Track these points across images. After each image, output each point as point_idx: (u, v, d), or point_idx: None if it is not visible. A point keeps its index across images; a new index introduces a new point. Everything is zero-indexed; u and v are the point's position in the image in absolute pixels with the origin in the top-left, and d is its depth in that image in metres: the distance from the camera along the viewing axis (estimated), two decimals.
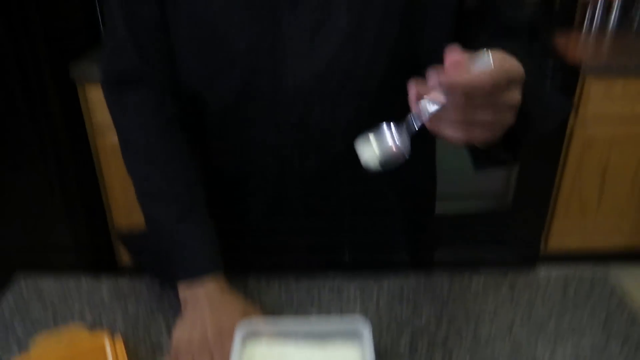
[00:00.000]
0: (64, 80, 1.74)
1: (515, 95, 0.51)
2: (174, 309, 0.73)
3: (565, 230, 2.13)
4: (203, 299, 0.71)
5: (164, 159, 0.77)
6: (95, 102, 1.82)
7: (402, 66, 0.73)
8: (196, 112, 0.78)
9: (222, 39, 0.71)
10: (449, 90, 0.48)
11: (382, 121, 0.74)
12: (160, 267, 0.78)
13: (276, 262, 0.85)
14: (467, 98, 0.49)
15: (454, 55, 0.48)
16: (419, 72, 0.73)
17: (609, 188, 2.05)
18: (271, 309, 0.75)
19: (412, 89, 0.53)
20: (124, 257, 2.10)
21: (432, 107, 0.51)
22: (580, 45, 2.04)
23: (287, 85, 0.71)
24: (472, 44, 0.57)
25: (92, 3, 1.89)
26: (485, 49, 0.50)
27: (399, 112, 0.75)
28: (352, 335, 0.61)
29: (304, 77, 0.71)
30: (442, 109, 0.51)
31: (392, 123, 0.57)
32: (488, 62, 0.49)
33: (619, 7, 2.27)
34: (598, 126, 1.94)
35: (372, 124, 0.73)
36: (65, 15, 1.77)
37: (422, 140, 0.85)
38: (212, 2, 0.70)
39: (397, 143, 0.55)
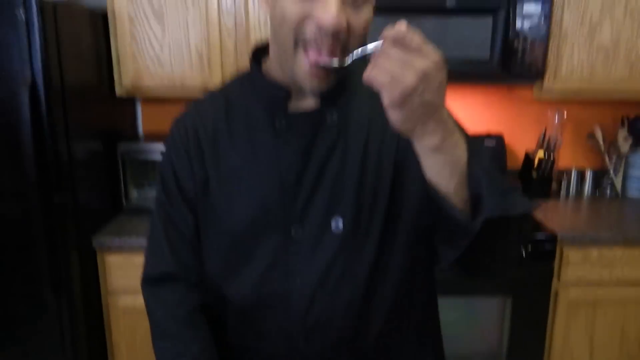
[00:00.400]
0: (86, 249, 1.92)
1: (419, 61, 0.67)
2: None
3: None
4: None
5: (188, 344, 0.91)
6: (111, 268, 1.98)
7: (388, 256, 0.90)
8: (218, 305, 0.94)
9: (243, 246, 0.89)
10: (384, 37, 0.68)
11: (374, 305, 0.89)
12: None
13: None
14: (393, 46, 0.68)
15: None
16: (403, 257, 0.91)
17: (598, 348, 2.11)
18: None
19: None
20: None
21: (371, 46, 0.72)
22: (557, 215, 2.23)
23: (295, 283, 0.87)
24: None
25: (117, 184, 2.16)
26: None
27: (389, 296, 0.91)
28: None
29: (309, 275, 0.87)
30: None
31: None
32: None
33: (591, 178, 2.51)
34: (581, 290, 2.06)
35: (365, 310, 0.89)
36: (93, 192, 2.02)
37: (428, 325, 1.00)
38: (234, 216, 0.89)
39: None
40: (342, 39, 0.78)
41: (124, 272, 1.97)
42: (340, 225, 0.87)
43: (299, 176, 0.87)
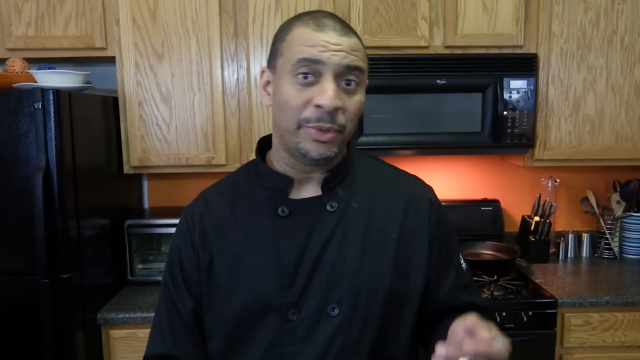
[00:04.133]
0: (91, 323, 1.93)
1: None
2: None
3: None
4: None
5: None
6: (115, 342, 1.98)
7: (391, 336, 0.94)
8: None
9: (242, 328, 0.94)
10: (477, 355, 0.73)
11: None
12: None
13: None
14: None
15: (478, 333, 0.74)
16: (397, 343, 0.96)
17: None
18: None
19: (441, 350, 0.76)
20: None
21: None
22: (556, 278, 2.26)
23: None
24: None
25: (123, 258, 2.21)
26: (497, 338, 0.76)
27: None
28: None
29: (306, 358, 0.90)
30: None
31: None
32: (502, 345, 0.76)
33: (588, 240, 2.56)
34: (585, 354, 2.05)
35: None
36: (99, 268, 2.06)
37: None
38: (234, 299, 0.94)
39: None
40: (339, 118, 0.88)
41: (128, 346, 1.98)
42: (337, 310, 0.91)
43: (296, 263, 0.92)
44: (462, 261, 1.06)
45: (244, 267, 0.95)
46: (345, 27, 0.90)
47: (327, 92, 0.86)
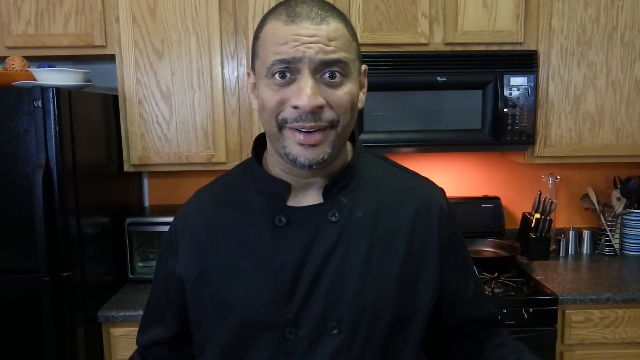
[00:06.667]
0: (92, 321, 1.94)
1: None
2: None
3: None
4: None
5: None
6: (116, 340, 1.98)
7: (397, 353, 0.89)
8: None
9: (238, 345, 0.88)
10: None
11: None
12: None
13: None
14: None
15: None
16: (414, 353, 0.91)
17: None
18: None
19: None
20: None
21: None
22: (557, 275, 2.26)
23: None
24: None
25: (124, 256, 2.21)
26: None
27: None
28: None
29: None
30: None
31: None
32: None
33: (589, 237, 2.56)
34: (586, 350, 2.05)
35: None
36: (100, 266, 2.06)
37: None
38: (228, 313, 0.88)
39: None
40: (325, 115, 0.80)
41: (128, 344, 1.98)
42: (337, 330, 0.84)
43: (294, 278, 0.84)
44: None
45: (237, 280, 0.87)
46: (324, 10, 0.81)
47: (303, 91, 0.77)
